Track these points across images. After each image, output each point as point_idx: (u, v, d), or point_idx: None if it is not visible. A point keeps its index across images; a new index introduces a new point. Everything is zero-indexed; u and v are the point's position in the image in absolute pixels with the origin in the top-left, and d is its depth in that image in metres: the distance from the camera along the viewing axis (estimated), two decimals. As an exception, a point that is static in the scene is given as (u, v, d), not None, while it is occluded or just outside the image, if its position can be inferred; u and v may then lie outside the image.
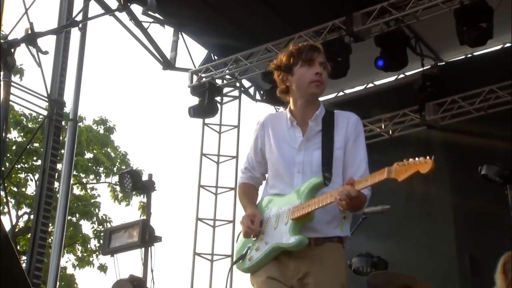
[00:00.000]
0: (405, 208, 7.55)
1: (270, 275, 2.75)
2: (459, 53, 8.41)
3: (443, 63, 8.54)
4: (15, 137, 13.60)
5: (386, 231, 7.29)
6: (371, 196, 2.77)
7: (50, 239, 8.82)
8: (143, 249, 4.92)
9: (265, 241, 2.78)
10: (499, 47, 8.16)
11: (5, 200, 8.90)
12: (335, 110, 2.96)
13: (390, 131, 8.56)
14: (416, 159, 2.45)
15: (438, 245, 7.50)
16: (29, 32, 1.88)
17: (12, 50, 1.79)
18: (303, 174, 2.80)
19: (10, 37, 6.19)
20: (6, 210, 11.57)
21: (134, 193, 13.52)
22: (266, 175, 3.01)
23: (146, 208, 5.12)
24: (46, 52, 1.90)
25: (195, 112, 8.79)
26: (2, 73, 1.85)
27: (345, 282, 2.77)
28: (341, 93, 9.28)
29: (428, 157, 2.42)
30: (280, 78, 2.95)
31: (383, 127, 8.55)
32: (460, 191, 7.62)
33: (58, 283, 6.72)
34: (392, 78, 8.93)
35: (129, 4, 2.26)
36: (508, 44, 8.16)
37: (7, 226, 11.19)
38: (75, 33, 7.17)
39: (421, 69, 8.14)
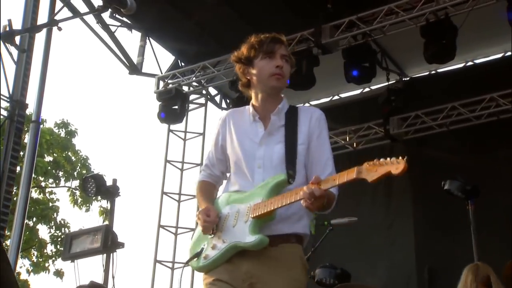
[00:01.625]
0: (368, 220, 7.61)
1: (219, 277, 2.64)
2: (424, 69, 8.56)
3: (408, 78, 8.69)
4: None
5: (349, 242, 7.35)
6: (336, 209, 2.71)
7: (5, 243, 8.61)
8: (104, 255, 4.84)
9: (222, 239, 2.65)
10: (461, 64, 8.34)
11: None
12: (299, 105, 2.87)
13: (355, 143, 8.65)
14: (388, 159, 2.32)
15: (398, 257, 7.60)
16: (7, 29, 1.83)
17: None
18: (264, 169, 2.69)
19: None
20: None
21: (94, 198, 13.34)
22: (228, 174, 2.90)
23: (109, 214, 5.04)
24: (24, 50, 1.86)
25: (166, 116, 8.72)
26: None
27: (304, 283, 2.67)
28: (306, 104, 9.34)
29: (400, 158, 2.30)
30: (241, 71, 2.87)
31: (347, 140, 8.64)
32: (421, 204, 7.74)
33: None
34: (358, 91, 9.04)
35: (109, 4, 2.22)
36: (470, 63, 8.35)
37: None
38: (40, 33, 7.04)
39: (387, 83, 8.25)
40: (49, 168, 14.18)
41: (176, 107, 8.73)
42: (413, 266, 7.52)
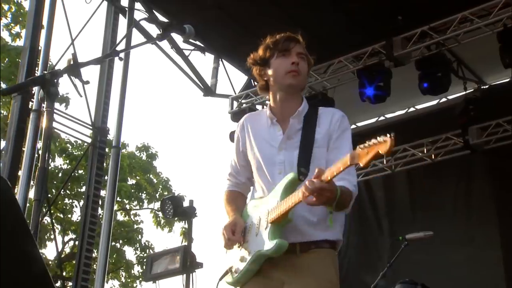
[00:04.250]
0: (448, 234, 7.38)
1: None
2: (503, 76, 8.25)
3: (487, 86, 8.41)
4: (60, 164, 13.95)
5: (428, 258, 7.14)
6: (413, 223, 2.62)
7: (94, 265, 8.94)
8: (184, 275, 4.94)
9: (248, 250, 2.61)
10: (544, 69, 7.98)
11: (51, 227, 9.07)
12: (320, 107, 2.78)
13: (433, 155, 8.43)
14: (377, 138, 2.17)
15: (484, 273, 7.30)
16: (72, 62, 1.93)
17: (55, 80, 1.85)
18: (285, 174, 2.61)
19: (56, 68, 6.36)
20: (52, 236, 11.83)
21: (176, 219, 13.64)
22: (253, 179, 2.84)
23: (187, 234, 5.14)
24: (87, 82, 1.96)
25: (237, 138, 8.83)
26: (45, 103, 1.91)
27: None
28: (381, 118, 9.21)
29: (388, 135, 2.14)
30: (258, 73, 2.83)
31: (425, 152, 8.43)
32: (507, 218, 7.41)
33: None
34: (434, 102, 8.82)
35: (168, 33, 2.30)
36: (553, 66, 7.98)
37: (53, 252, 11.40)
38: (118, 61, 7.36)
39: (464, 92, 8.02)
40: (132, 191, 14.64)
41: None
42: (501, 283, 7.19)
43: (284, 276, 2.54)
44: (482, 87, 8.33)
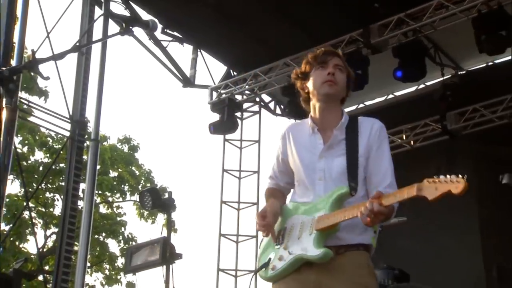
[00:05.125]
0: (432, 220, 7.45)
1: (288, 287, 2.69)
2: (480, 62, 8.33)
3: (464, 72, 8.47)
4: (41, 158, 13.82)
5: (409, 244, 7.21)
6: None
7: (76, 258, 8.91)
8: (164, 266, 4.93)
9: (288, 250, 2.70)
10: (520, 54, 8.06)
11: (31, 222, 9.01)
12: (359, 117, 2.89)
13: (412, 141, 8.49)
14: (448, 177, 2.30)
15: (464, 256, 7.40)
16: (31, 58, 1.92)
17: (14, 77, 1.83)
18: (325, 181, 2.73)
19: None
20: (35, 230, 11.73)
21: (155, 210, 13.60)
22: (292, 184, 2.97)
23: (166, 226, 5.13)
24: (47, 78, 1.94)
25: (215, 128, 8.83)
26: (4, 100, 1.90)
27: None
28: (361, 105, 9.25)
29: (460, 176, 2.27)
30: (300, 86, 2.95)
31: (404, 138, 8.49)
32: (486, 200, 7.50)
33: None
34: (413, 89, 8.88)
35: (131, 27, 2.29)
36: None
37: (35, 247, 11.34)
38: (96, 53, 7.29)
39: (441, 78, 8.07)
40: (115, 183, 14.56)
41: (230, 116, 8.81)
42: (480, 264, 7.30)
43: (321, 277, 2.64)
44: (459, 72, 8.39)
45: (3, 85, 1.79)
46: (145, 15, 8.11)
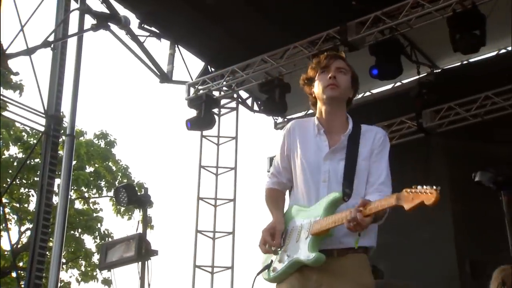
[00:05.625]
0: (405, 215, 7.50)
1: (291, 286, 2.76)
2: (455, 60, 8.43)
3: (439, 70, 8.56)
4: (15, 153, 13.66)
5: (385, 239, 7.26)
6: None
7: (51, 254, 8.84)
8: (139, 263, 4.91)
9: (287, 253, 2.78)
10: (494, 53, 8.17)
11: (3, 217, 8.89)
12: (362, 124, 2.95)
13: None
14: (424, 187, 2.40)
15: (438, 251, 7.49)
16: (-1, 53, 1.90)
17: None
18: (329, 183, 2.78)
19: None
20: (8, 226, 11.59)
21: (131, 206, 13.53)
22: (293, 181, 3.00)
23: (142, 222, 5.11)
24: (17, 73, 1.92)
25: (192, 124, 8.81)
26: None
27: None
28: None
29: (434, 187, 2.37)
30: (308, 92, 3.01)
31: (380, 135, 8.55)
32: (460, 196, 7.59)
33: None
34: (389, 86, 8.95)
35: (102, 23, 2.28)
36: (503, 50, 8.18)
37: (8, 243, 11.21)
38: (71, 47, 7.21)
39: (417, 76, 8.15)
40: (91, 179, 14.44)
41: (207, 112, 8.79)
42: (453, 259, 7.40)
43: (322, 277, 2.70)
44: (435, 71, 8.48)
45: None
46: (122, 10, 8.06)
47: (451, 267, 7.44)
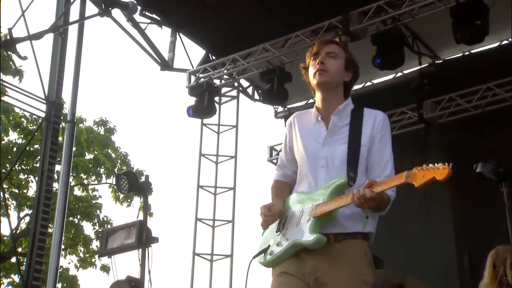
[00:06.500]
0: (404, 207, 7.53)
1: (286, 270, 2.73)
2: (457, 51, 8.41)
3: (441, 61, 8.54)
4: (15, 139, 13.64)
5: (385, 231, 7.28)
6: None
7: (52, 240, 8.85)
8: (140, 250, 4.93)
9: (286, 237, 2.75)
10: (496, 44, 8.15)
11: (4, 203, 8.90)
12: (364, 107, 2.91)
13: (388, 129, 8.55)
14: (435, 164, 2.42)
15: (437, 244, 7.50)
16: (7, 38, 1.89)
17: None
18: (327, 169, 2.76)
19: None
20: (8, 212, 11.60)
21: (131, 193, 13.55)
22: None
23: (143, 209, 5.13)
24: (25, 58, 1.91)
25: (194, 112, 8.80)
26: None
27: (369, 280, 2.71)
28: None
29: (446, 164, 2.39)
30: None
31: (381, 126, 8.55)
32: (459, 189, 7.60)
33: (58, 284, 6.74)
34: (390, 77, 8.93)
35: (110, 9, 2.27)
36: (505, 42, 8.16)
37: (8, 228, 11.24)
38: (72, 33, 7.19)
39: (419, 67, 8.13)
40: (90, 165, 14.45)
41: (208, 100, 8.78)
42: (452, 252, 7.42)
43: (318, 263, 2.68)
44: (436, 61, 8.46)
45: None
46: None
47: (449, 260, 7.46)
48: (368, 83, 9.21)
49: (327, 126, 2.85)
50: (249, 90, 9.81)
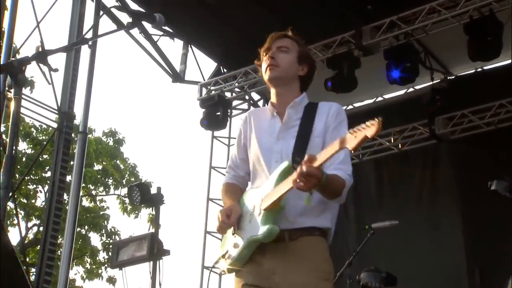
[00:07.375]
0: (414, 221, 7.50)
1: (245, 281, 2.65)
2: (469, 67, 8.39)
3: (453, 77, 8.53)
4: (24, 149, 13.70)
5: (394, 244, 7.25)
6: (380, 211, 2.68)
7: (59, 251, 8.84)
8: (151, 262, 4.90)
9: (241, 236, 2.65)
10: (509, 61, 8.12)
11: (14, 212, 8.90)
12: (320, 102, 2.85)
13: (400, 144, 8.53)
14: (366, 123, 2.25)
15: (447, 258, 7.45)
16: (40, 50, 1.89)
17: (23, 68, 1.81)
18: (281, 163, 2.66)
19: (21, 52, 6.25)
20: (15, 222, 11.61)
21: (143, 205, 13.53)
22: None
23: (154, 221, 5.11)
24: (56, 70, 1.92)
25: (207, 123, 8.80)
26: (13, 90, 1.88)
27: (329, 277, 2.61)
28: (350, 106, 9.28)
29: (375, 119, 2.22)
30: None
31: (392, 141, 8.53)
32: (470, 204, 7.57)
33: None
34: (402, 92, 8.92)
35: (138, 21, 2.27)
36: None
37: (17, 238, 11.23)
38: (85, 46, 7.20)
39: (431, 83, 8.12)
40: (99, 176, 14.47)
41: (219, 113, 8.79)
42: (463, 268, 7.36)
43: (274, 265, 2.59)
44: (448, 77, 8.44)
45: (13, 75, 1.77)
46: (135, 9, 8.05)
47: (460, 275, 7.40)
48: (380, 98, 9.19)
49: (281, 120, 2.79)
50: (260, 103, 9.81)
